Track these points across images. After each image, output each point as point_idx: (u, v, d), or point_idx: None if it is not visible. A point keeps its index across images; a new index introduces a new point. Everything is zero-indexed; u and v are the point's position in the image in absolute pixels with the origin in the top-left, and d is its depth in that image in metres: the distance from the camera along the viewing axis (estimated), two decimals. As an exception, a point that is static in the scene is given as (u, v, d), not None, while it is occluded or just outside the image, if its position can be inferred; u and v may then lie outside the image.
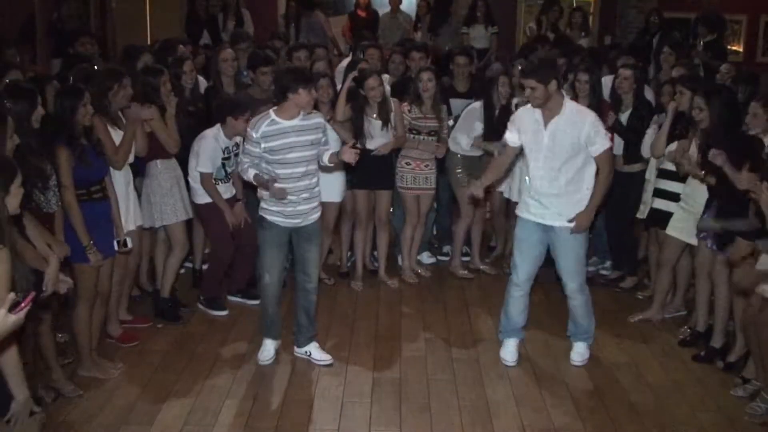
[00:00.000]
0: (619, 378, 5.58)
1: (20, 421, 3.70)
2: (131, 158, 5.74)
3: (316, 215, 5.53)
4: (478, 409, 5.11)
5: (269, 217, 5.42)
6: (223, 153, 6.25)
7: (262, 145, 5.23)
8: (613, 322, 6.41)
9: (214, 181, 6.27)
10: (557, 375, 5.60)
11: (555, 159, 5.37)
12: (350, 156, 5.31)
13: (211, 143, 6.19)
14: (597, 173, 5.43)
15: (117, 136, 5.62)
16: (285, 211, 5.37)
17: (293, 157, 5.27)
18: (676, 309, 6.62)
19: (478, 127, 7.10)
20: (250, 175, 5.31)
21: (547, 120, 5.36)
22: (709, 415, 5.10)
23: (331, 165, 5.57)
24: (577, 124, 5.32)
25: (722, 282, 5.69)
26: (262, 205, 5.46)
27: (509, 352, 5.78)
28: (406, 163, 7.07)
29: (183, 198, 6.24)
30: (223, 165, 6.30)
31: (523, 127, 5.48)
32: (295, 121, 5.27)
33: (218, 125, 6.26)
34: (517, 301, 5.75)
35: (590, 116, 5.42)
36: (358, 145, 5.85)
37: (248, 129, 5.33)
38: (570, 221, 5.42)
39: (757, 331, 4.99)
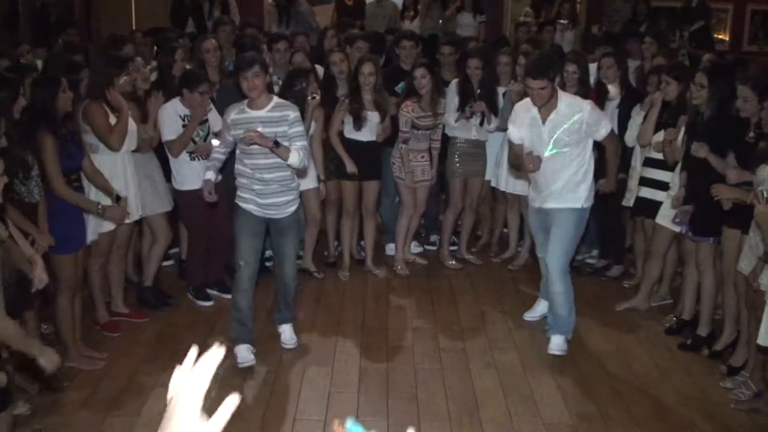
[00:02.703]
0: (606, 366, 5.59)
1: None
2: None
3: (291, 209, 5.47)
4: (465, 399, 5.12)
5: (242, 205, 5.41)
6: (183, 120, 6.17)
7: (231, 132, 5.28)
8: (600, 311, 6.42)
9: (190, 157, 6.23)
10: (544, 364, 5.60)
11: (558, 156, 5.46)
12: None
13: (168, 111, 6.17)
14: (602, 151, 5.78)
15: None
16: (256, 201, 5.34)
17: (256, 148, 5.20)
18: (662, 297, 6.65)
19: (456, 100, 7.08)
20: (208, 175, 5.38)
21: (544, 115, 5.42)
22: (694, 403, 5.12)
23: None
24: (575, 116, 5.39)
25: (708, 270, 5.72)
26: (237, 192, 5.44)
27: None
28: (402, 157, 7.03)
29: (159, 190, 6.22)
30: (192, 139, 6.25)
31: (522, 123, 5.54)
32: (263, 112, 5.25)
33: (176, 98, 6.23)
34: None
35: (587, 105, 5.50)
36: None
37: (224, 116, 5.41)
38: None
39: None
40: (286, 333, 5.78)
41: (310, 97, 6.34)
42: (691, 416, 4.97)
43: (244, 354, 5.48)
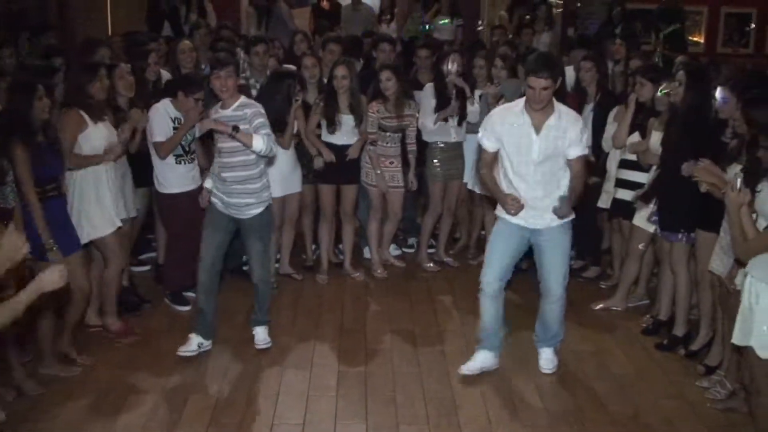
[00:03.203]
0: (583, 367, 5.62)
1: None
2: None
3: (254, 211, 5.54)
4: (443, 401, 5.12)
5: (212, 198, 5.59)
6: (173, 122, 6.13)
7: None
8: (577, 312, 6.44)
9: (176, 161, 6.20)
10: (522, 365, 5.62)
11: (547, 163, 5.11)
12: None
13: (159, 112, 6.13)
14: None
15: (97, 131, 5.60)
16: (222, 198, 5.52)
17: (226, 147, 5.41)
18: (639, 298, 6.69)
19: (432, 103, 7.07)
20: (207, 184, 5.62)
21: (538, 122, 5.05)
22: (671, 403, 5.15)
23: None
24: (569, 125, 5.08)
25: (682, 270, 5.77)
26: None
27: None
28: (371, 159, 7.06)
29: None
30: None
31: (504, 133, 5.14)
32: (229, 111, 5.39)
33: (168, 99, 6.21)
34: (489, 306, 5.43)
35: (579, 118, 5.26)
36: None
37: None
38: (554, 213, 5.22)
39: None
40: (259, 335, 5.80)
41: (294, 99, 6.38)
42: (668, 416, 5.00)
43: (191, 344, 5.61)
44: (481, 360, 5.47)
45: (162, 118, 6.11)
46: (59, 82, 5.75)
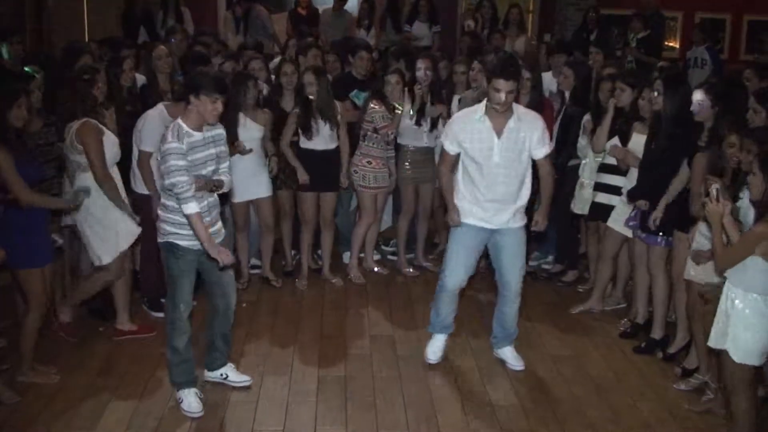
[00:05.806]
0: (562, 371, 5.65)
1: None
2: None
3: (224, 234, 5.07)
4: (423, 406, 5.13)
5: (183, 243, 4.75)
6: None
7: (188, 158, 4.61)
8: (555, 316, 6.49)
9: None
10: (501, 369, 5.64)
11: (510, 166, 5.21)
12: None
13: (153, 119, 5.92)
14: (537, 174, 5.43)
15: (109, 136, 5.56)
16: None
17: (206, 173, 4.76)
18: (616, 301, 6.73)
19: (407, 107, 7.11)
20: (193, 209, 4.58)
21: (499, 125, 5.15)
22: (649, 405, 5.19)
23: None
24: (530, 127, 5.19)
25: (660, 274, 5.81)
26: (172, 230, 4.76)
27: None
28: (367, 162, 7.04)
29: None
30: None
31: (465, 138, 5.23)
32: (206, 133, 4.75)
33: (161, 105, 6.08)
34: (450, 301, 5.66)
35: (540, 119, 5.34)
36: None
37: (170, 140, 4.58)
38: (534, 224, 5.47)
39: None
40: (233, 373, 5.32)
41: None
42: (646, 418, 5.04)
43: (192, 401, 4.96)
44: (442, 344, 5.75)
45: (155, 127, 5.74)
46: (35, 89, 5.69)
